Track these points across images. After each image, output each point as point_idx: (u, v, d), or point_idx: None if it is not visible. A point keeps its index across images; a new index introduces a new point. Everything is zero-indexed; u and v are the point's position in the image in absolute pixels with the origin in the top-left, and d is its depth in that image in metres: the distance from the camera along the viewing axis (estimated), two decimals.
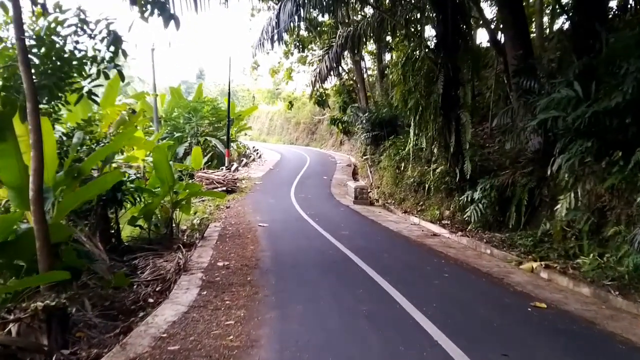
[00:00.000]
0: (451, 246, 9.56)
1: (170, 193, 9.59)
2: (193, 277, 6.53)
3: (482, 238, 10.18)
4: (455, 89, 11.63)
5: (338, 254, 8.25)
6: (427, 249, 9.12)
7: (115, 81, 10.11)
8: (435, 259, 8.02)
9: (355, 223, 12.44)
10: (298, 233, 10.53)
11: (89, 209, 8.19)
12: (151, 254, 8.67)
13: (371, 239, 10.09)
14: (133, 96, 23.30)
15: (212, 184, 17.19)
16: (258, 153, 31.62)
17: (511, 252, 8.94)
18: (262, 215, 12.84)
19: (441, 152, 12.45)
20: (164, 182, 9.32)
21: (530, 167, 10.62)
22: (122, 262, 8.20)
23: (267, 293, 5.65)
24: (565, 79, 8.84)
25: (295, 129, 48.32)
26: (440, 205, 13.31)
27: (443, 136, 12.18)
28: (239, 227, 11.16)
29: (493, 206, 10.67)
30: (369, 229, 11.45)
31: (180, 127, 25.52)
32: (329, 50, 17.68)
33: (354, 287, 5.99)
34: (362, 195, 16.49)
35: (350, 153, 31.27)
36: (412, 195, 15.36)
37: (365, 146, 22.76)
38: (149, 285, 7.07)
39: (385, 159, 18.66)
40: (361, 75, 23.41)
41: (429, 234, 11.08)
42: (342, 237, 9.92)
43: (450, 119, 11.77)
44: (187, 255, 7.77)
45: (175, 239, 9.81)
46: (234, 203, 15.38)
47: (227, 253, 8.20)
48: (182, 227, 11.91)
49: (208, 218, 12.99)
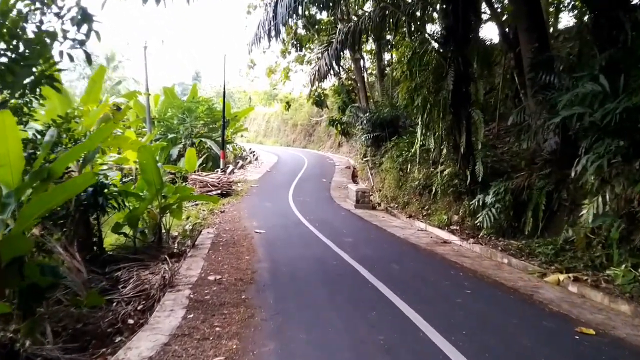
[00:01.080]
0: (465, 255, 8.77)
1: (158, 197, 8.77)
2: (179, 294, 5.69)
3: (497, 246, 9.42)
4: (465, 84, 10.86)
5: (343, 265, 7.44)
6: (439, 258, 8.31)
7: (98, 75, 9.31)
8: (452, 271, 7.22)
9: (359, 229, 11.63)
10: (298, 240, 9.72)
11: (66, 216, 7.36)
12: (136, 264, 7.83)
13: (377, 247, 9.28)
14: (124, 95, 22.45)
15: (206, 187, 16.35)
16: (254, 155, 30.82)
17: (531, 262, 8.19)
18: (259, 221, 12.02)
19: (450, 153, 11.67)
20: (151, 185, 8.49)
21: (547, 169, 9.88)
22: (102, 275, 7.36)
23: (264, 316, 4.82)
24: (589, 72, 8.10)
25: (292, 131, 47.55)
26: (448, 209, 12.54)
27: (452, 136, 11.41)
28: (234, 234, 10.33)
29: (507, 211, 9.93)
30: (374, 236, 10.64)
31: (174, 128, 24.67)
32: (328, 47, 16.85)
33: (366, 308, 5.16)
34: (363, 199, 15.69)
35: (349, 155, 30.52)
36: (416, 199, 14.57)
37: (366, 148, 21.97)
38: (130, 302, 6.25)
39: (387, 161, 17.87)
40: (361, 74, 22.64)
41: (439, 241, 10.28)
42: (345, 244, 9.11)
43: (460, 117, 11.01)
44: (174, 268, 6.93)
45: (164, 248, 8.97)
46: (229, 207, 14.54)
47: (220, 264, 7.36)
48: (173, 233, 11.11)
49: (201, 223, 12.16)
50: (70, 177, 7.36)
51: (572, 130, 8.95)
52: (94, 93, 9.18)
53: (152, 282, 6.90)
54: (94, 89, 9.22)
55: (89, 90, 9.18)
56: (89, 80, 9.21)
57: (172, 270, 6.76)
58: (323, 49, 16.95)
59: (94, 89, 9.22)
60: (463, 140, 10.92)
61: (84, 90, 19.91)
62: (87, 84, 9.20)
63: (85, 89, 9.14)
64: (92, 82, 9.21)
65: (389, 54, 25.19)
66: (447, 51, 10.90)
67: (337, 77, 26.20)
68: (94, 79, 9.20)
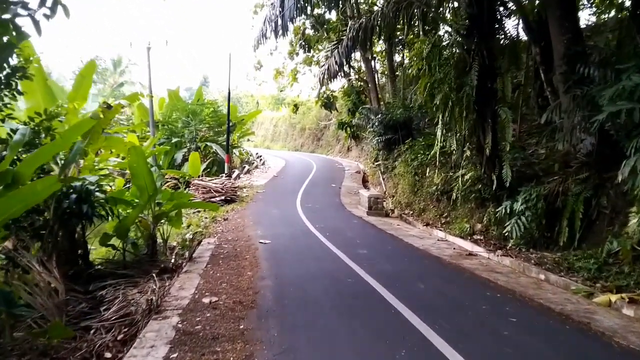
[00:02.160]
0: (496, 270, 7.75)
1: (152, 204, 7.86)
2: (165, 323, 4.74)
3: (529, 258, 8.41)
4: (491, 80, 9.88)
5: (359, 283, 6.45)
6: (468, 274, 7.29)
7: (87, 70, 8.45)
8: (487, 291, 6.20)
9: (373, 239, 10.63)
10: (306, 252, 8.74)
11: (43, 226, 6.47)
12: (124, 281, 6.92)
13: (396, 261, 8.28)
14: (126, 98, 21.60)
15: (209, 192, 15.44)
16: (261, 160, 29.93)
17: (571, 278, 7.20)
18: (264, 229, 11.07)
19: (473, 156, 10.66)
20: (143, 191, 7.59)
21: (584, 173, 8.87)
22: (84, 294, 6.45)
23: (266, 356, 3.85)
24: (635, 63, 7.09)
25: (300, 135, 46.68)
26: (470, 217, 11.52)
27: (476, 136, 10.41)
28: (237, 245, 9.39)
29: (539, 219, 8.93)
30: (391, 247, 9.64)
31: (179, 132, 23.83)
32: (338, 44, 15.93)
33: (393, 344, 4.15)
34: (376, 206, 14.69)
35: (359, 160, 29.54)
36: (434, 206, 13.56)
37: (377, 151, 20.98)
38: (111, 329, 5.32)
39: (401, 165, 16.88)
40: (372, 75, 21.68)
41: (463, 253, 9.27)
42: (360, 257, 8.13)
43: (485, 116, 10.01)
44: (165, 286, 6.00)
45: (158, 261, 8.05)
46: (233, 214, 13.61)
47: (218, 282, 6.41)
48: (171, 243, 10.23)
49: (202, 233, 11.25)
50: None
51: (614, 128, 7.98)
52: (82, 90, 8.30)
53: (139, 303, 5.98)
54: (83, 85, 8.34)
55: (76, 86, 8.30)
56: (76, 76, 8.33)
57: (159, 291, 5.82)
58: (333, 47, 16.02)
59: (83, 85, 8.34)
60: (488, 141, 9.92)
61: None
62: (75, 79, 8.33)
63: (73, 84, 8.27)
64: (81, 77, 8.34)
65: (399, 56, 24.35)
66: (470, 43, 9.92)
67: (347, 78, 25.35)
68: (82, 74, 8.34)
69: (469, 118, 9.98)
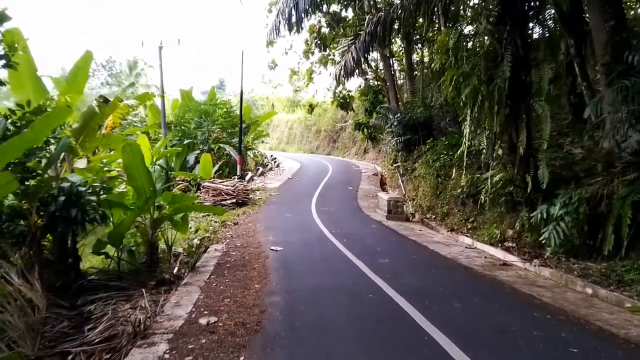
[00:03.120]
0: (537, 283, 6.80)
1: (150, 208, 7.10)
2: (149, 353, 3.92)
3: (571, 269, 7.46)
4: (525, 71, 8.92)
5: (383, 300, 5.56)
6: (507, 289, 6.35)
7: (83, 62, 7.75)
8: (534, 311, 5.25)
9: (395, 246, 9.72)
10: (321, 262, 7.89)
11: (24, 233, 5.76)
12: (117, 294, 6.17)
13: (422, 272, 7.37)
14: (136, 97, 21.06)
15: (220, 195, 14.70)
16: (276, 162, 29.21)
17: (623, 293, 6.25)
18: (276, 235, 10.27)
19: (505, 155, 9.70)
20: (140, 193, 6.84)
21: (633, 174, 7.87)
22: (69, 310, 5.71)
23: None
24: None
25: (315, 137, 45.89)
26: (500, 222, 10.56)
27: (508, 134, 9.46)
28: (245, 252, 8.59)
29: (580, 225, 7.94)
30: (415, 256, 8.72)
31: (191, 133, 23.23)
32: (355, 39, 15.11)
33: None
34: (396, 209, 13.77)
35: (376, 162, 28.61)
36: (458, 210, 12.59)
37: (396, 152, 20.03)
38: (93, 354, 4.55)
39: (422, 167, 15.93)
40: (391, 73, 20.75)
41: (496, 263, 8.32)
42: (382, 268, 7.24)
43: (518, 111, 9.06)
44: (156, 305, 5.20)
45: (158, 271, 7.29)
46: (244, 218, 12.84)
47: (220, 297, 5.60)
48: (177, 249, 9.52)
49: (210, 238, 10.49)
50: (42, 185, 5.77)
51: None
52: (77, 83, 7.60)
53: (131, 320, 5.21)
54: (78, 77, 7.64)
55: (71, 78, 7.60)
56: (71, 68, 7.63)
57: (152, 308, 5.03)
58: (350, 42, 15.20)
59: (78, 78, 7.64)
60: (522, 139, 8.96)
61: None
62: (69, 72, 7.63)
63: (67, 77, 7.58)
64: (76, 69, 7.64)
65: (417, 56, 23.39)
66: (502, 32, 8.99)
67: (363, 76, 24.50)
68: (78, 66, 7.62)
69: (501, 114, 9.02)
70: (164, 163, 21.78)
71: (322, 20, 24.07)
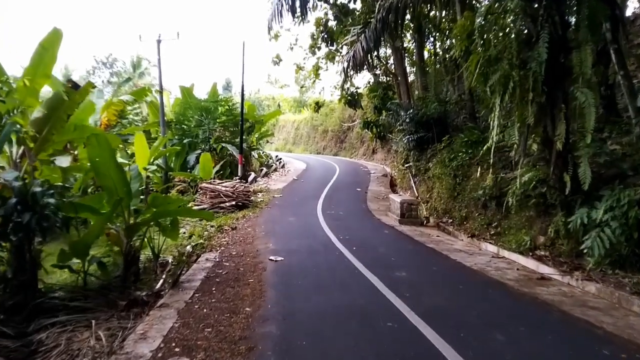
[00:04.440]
0: (588, 304, 5.60)
1: (125, 212, 5.98)
2: None
3: (621, 284, 6.33)
4: (565, 53, 7.71)
5: (406, 333, 4.36)
6: (557, 313, 5.15)
7: (50, 41, 6.64)
8: (601, 347, 4.05)
9: (412, 255, 8.55)
10: (327, 275, 6.72)
11: None
12: (78, 317, 5.06)
13: (448, 289, 6.19)
14: (132, 92, 19.94)
15: (218, 197, 13.58)
16: (281, 162, 28.06)
17: None
18: (277, 242, 9.13)
19: (539, 151, 8.48)
20: (110, 193, 5.73)
21: None
22: (14, 339, 4.61)
23: None
24: None
25: (322, 138, 44.72)
26: (528, 227, 9.37)
27: (542, 126, 8.25)
28: (240, 263, 7.46)
29: (629, 232, 6.72)
30: (437, 268, 7.53)
31: (192, 132, 22.14)
32: (365, 28, 13.97)
33: None
34: (410, 213, 12.58)
35: (385, 162, 27.38)
36: (479, 213, 11.36)
37: (407, 151, 18.82)
38: None
39: (437, 166, 14.71)
40: (402, 66, 19.52)
41: (532, 277, 7.12)
42: (399, 283, 6.08)
43: (556, 100, 7.85)
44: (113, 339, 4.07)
45: (141, 282, 6.18)
46: (243, 222, 11.71)
47: (200, 326, 4.45)
48: (167, 257, 8.46)
49: (204, 245, 9.39)
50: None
51: None
52: (43, 65, 6.49)
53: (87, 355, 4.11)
54: (45, 59, 6.52)
55: (36, 60, 6.47)
56: (36, 48, 6.52)
57: (110, 342, 3.89)
58: (360, 30, 14.05)
59: (44, 60, 6.52)
60: (561, 132, 7.73)
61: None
62: (34, 51, 6.51)
63: (31, 57, 6.46)
64: (42, 49, 6.49)
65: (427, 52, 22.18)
66: (537, 8, 7.80)
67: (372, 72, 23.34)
68: (44, 45, 6.48)
69: (535, 103, 7.80)
70: (162, 163, 20.73)
71: (329, 13, 22.96)
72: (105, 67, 40.34)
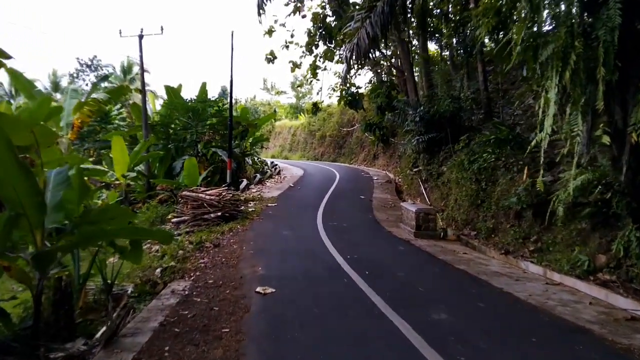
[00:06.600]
0: None
1: (33, 232, 4.02)
2: None
3: None
4: None
5: None
6: None
7: None
8: None
9: (442, 283, 6.59)
10: (337, 321, 4.76)
11: None
12: None
13: (517, 345, 4.22)
14: (109, 91, 18.09)
15: (202, 207, 11.59)
16: (276, 169, 26.11)
17: None
18: (268, 264, 7.18)
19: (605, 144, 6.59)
20: (13, 207, 3.77)
21: None
22: None
23: None
24: None
25: (320, 144, 42.81)
26: (582, 243, 7.48)
27: (608, 114, 6.38)
28: (215, 298, 5.51)
29: None
30: (484, 304, 5.55)
31: (179, 135, 20.20)
32: (370, 12, 12.13)
33: None
34: (427, 224, 10.66)
35: (387, 168, 25.44)
36: (510, 224, 9.45)
37: (416, 154, 16.93)
38: None
39: (453, 170, 12.82)
40: (409, 61, 17.62)
41: (619, 317, 5.18)
42: (443, 336, 4.14)
43: (629, 79, 6.01)
44: None
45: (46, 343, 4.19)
46: (229, 237, 9.75)
47: None
48: (126, 286, 6.58)
49: (174, 268, 7.44)
50: None
51: None
52: None
53: None
54: None
55: None
56: None
57: None
58: (365, 15, 12.21)
59: None
60: (637, 121, 5.86)
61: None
62: None
63: None
64: None
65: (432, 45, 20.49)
66: None
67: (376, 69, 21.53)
68: None
69: (604, 82, 5.92)
70: (144, 169, 18.76)
71: (327, 7, 21.16)
72: (90, 69, 38.30)
